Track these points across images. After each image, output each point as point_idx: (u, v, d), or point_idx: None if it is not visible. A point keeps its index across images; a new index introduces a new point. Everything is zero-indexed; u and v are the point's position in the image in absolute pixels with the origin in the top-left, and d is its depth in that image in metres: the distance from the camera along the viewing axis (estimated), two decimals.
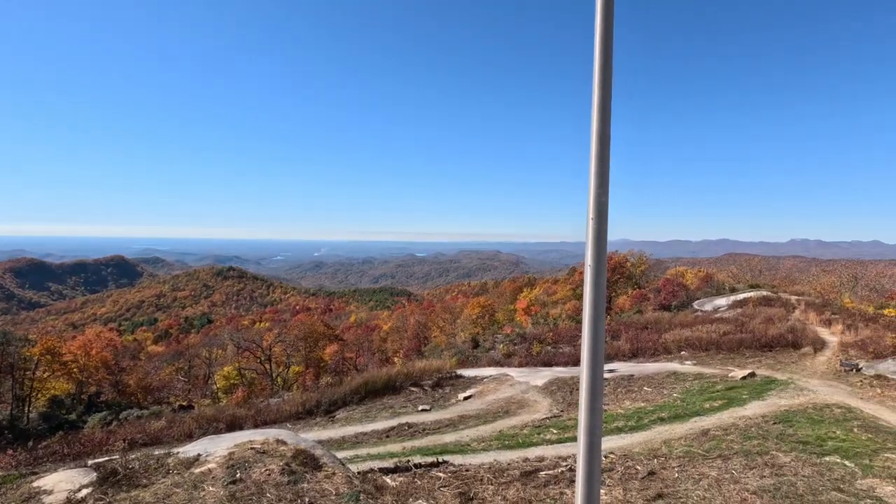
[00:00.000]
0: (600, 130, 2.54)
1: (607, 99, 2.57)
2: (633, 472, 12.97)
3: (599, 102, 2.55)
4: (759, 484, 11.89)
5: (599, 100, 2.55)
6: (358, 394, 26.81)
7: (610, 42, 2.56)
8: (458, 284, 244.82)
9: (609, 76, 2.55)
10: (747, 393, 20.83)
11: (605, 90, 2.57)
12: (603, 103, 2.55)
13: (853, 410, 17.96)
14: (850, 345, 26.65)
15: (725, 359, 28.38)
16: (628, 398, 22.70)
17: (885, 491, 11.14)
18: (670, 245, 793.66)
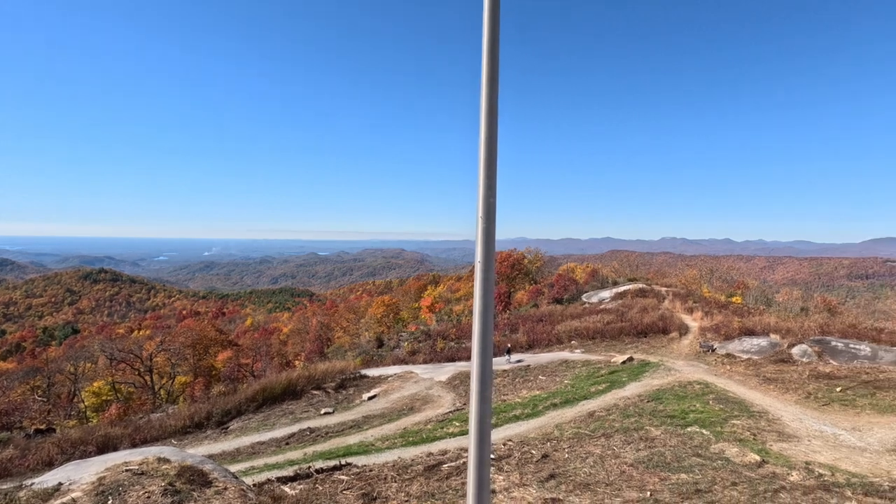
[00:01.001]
0: (488, 133, 2.67)
1: (494, 102, 2.70)
2: (529, 456, 13.78)
3: (487, 106, 2.67)
4: (635, 456, 13.28)
5: (487, 103, 2.68)
6: (255, 401, 25.26)
7: (496, 46, 2.69)
8: (362, 283, 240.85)
9: (496, 80, 2.68)
10: (626, 376, 23.15)
11: (491, 93, 2.69)
12: (490, 107, 2.68)
13: (709, 385, 20.78)
14: (707, 329, 30.76)
15: (609, 346, 31.23)
16: (525, 387, 24.05)
17: (731, 451, 13.03)
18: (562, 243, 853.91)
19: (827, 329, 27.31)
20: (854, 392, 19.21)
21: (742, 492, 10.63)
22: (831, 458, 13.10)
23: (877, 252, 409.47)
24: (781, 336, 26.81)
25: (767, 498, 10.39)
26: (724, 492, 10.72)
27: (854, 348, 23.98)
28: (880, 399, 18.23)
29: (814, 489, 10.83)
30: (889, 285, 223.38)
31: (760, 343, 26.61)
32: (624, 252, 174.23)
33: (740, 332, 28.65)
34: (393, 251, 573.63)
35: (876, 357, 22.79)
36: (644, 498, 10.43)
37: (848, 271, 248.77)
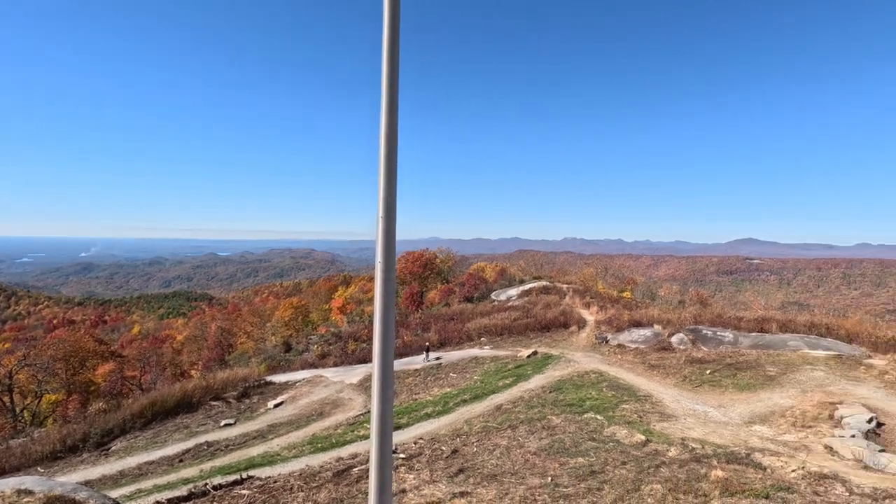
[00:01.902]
0: (388, 131, 2.65)
1: (394, 100, 2.68)
2: (440, 452, 13.98)
3: (387, 103, 2.65)
4: (538, 445, 14.04)
5: (387, 101, 2.66)
6: (142, 417, 22.91)
7: (397, 41, 2.68)
8: (268, 285, 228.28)
9: (396, 77, 2.67)
10: (531, 369, 24.37)
11: (392, 91, 2.68)
12: (390, 104, 2.67)
13: (603, 374, 22.56)
14: (602, 322, 33.38)
15: (516, 341, 32.67)
16: (437, 385, 24.36)
17: (621, 434, 14.22)
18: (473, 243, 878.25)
19: (699, 319, 30.94)
20: (720, 374, 21.97)
21: (630, 470, 11.68)
22: (702, 433, 14.85)
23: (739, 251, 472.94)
24: (663, 326, 29.89)
25: (651, 473, 11.52)
26: (615, 471, 11.71)
27: (720, 335, 27.44)
28: (740, 379, 21.04)
29: (688, 462, 12.20)
30: (748, 280, 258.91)
31: (646, 333, 29.46)
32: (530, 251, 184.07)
33: (629, 324, 31.47)
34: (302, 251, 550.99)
35: (737, 342, 26.28)
36: (546, 483, 11.05)
37: (717, 268, 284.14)
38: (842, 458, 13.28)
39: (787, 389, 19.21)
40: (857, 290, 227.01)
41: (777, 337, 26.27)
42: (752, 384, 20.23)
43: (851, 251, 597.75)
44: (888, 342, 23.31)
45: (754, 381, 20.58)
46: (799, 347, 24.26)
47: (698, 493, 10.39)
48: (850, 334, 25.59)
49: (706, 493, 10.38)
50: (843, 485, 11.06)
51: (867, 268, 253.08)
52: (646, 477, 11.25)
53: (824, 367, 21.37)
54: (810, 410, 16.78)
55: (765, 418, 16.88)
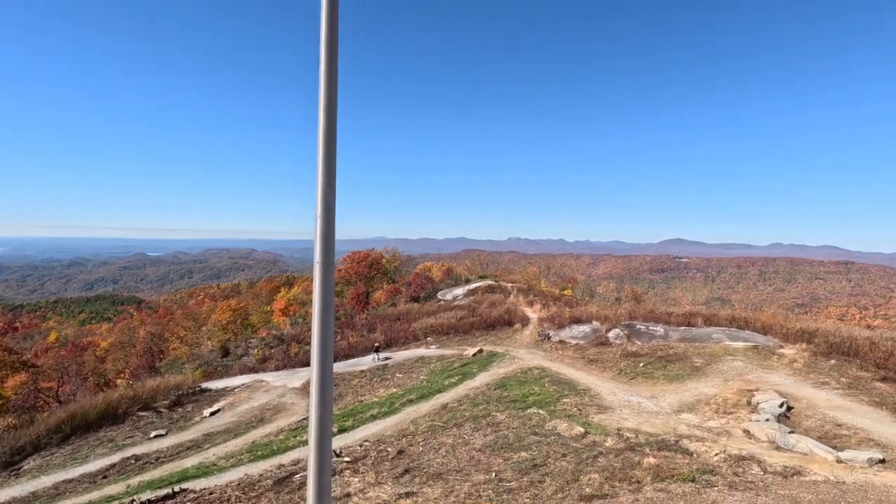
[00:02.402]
0: (326, 129, 2.60)
1: (333, 97, 2.63)
2: (385, 454, 13.87)
3: (325, 101, 2.60)
4: (483, 441, 14.26)
5: (325, 98, 2.60)
6: (60, 432, 21.07)
7: (335, 39, 2.63)
8: (204, 287, 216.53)
9: (335, 74, 2.62)
10: (477, 367, 24.71)
11: (330, 89, 2.62)
12: (329, 102, 2.61)
13: (546, 370, 23.27)
14: (544, 319, 34.41)
15: (462, 340, 33.01)
16: (383, 386, 24.14)
17: (562, 427, 14.72)
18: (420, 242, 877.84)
19: (634, 315, 32.63)
20: (652, 366, 23.28)
21: (570, 461, 12.13)
22: (636, 423, 15.68)
23: (669, 250, 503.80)
24: (601, 322, 31.27)
25: (589, 463, 12.02)
26: (556, 463, 12.11)
27: (653, 329, 29.08)
28: (670, 370, 22.41)
29: (623, 451, 12.84)
30: (678, 277, 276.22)
31: (585, 329, 30.70)
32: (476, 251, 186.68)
33: (570, 320, 32.66)
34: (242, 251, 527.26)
35: (667, 336, 27.96)
36: (490, 479, 11.25)
37: (650, 266, 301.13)
38: (758, 440, 14.47)
39: (711, 379, 20.67)
40: (772, 286, 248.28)
41: (702, 330, 28.21)
42: (680, 375, 21.60)
43: (766, 250, 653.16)
44: (797, 333, 25.64)
45: (682, 372, 21.98)
46: (721, 340, 26.17)
47: (632, 481, 10.96)
48: (764, 326, 27.91)
49: (639, 480, 10.97)
50: (758, 465, 12.05)
51: (780, 266, 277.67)
52: (585, 467, 11.72)
53: (743, 358, 23.18)
54: (731, 398, 18.15)
55: (692, 407, 18.07)
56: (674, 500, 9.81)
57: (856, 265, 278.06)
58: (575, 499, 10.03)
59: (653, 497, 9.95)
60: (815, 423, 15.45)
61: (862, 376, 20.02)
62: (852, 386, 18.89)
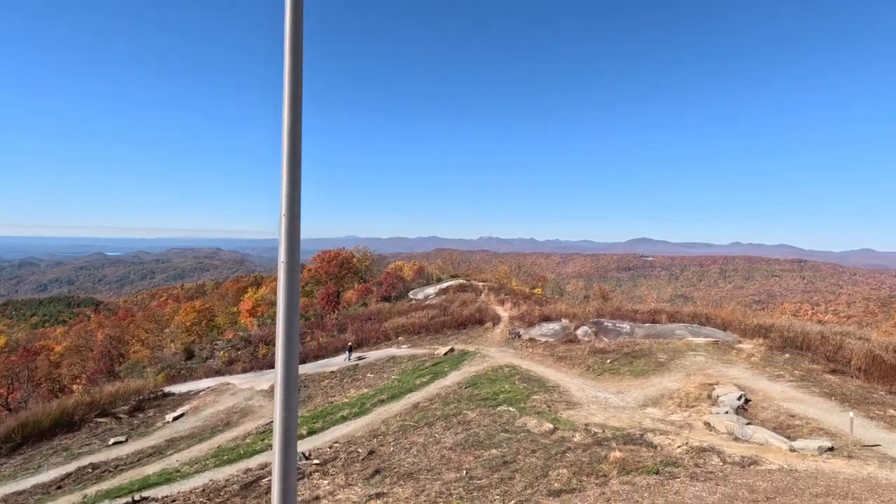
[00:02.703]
0: (291, 127, 2.57)
1: (298, 97, 2.60)
2: (356, 455, 13.75)
3: (290, 99, 2.57)
4: (454, 440, 14.32)
5: (290, 98, 2.57)
6: (10, 441, 20.01)
7: (300, 37, 2.60)
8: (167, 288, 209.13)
9: (299, 72, 2.59)
10: (448, 366, 24.78)
11: (295, 87, 2.60)
12: (293, 100, 2.58)
13: (516, 367, 23.53)
14: (515, 318, 34.80)
15: (433, 339, 33.03)
16: (353, 387, 23.92)
17: (532, 423, 14.91)
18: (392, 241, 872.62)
19: (601, 312, 33.38)
20: (619, 362, 23.88)
21: (539, 457, 12.31)
22: (603, 418, 16.05)
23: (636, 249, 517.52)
24: (570, 320, 31.85)
25: (558, 459, 12.23)
26: (526, 459, 12.28)
27: (619, 326, 29.82)
28: (636, 366, 23.03)
29: (591, 446, 13.13)
30: (643, 275, 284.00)
31: (555, 327, 31.21)
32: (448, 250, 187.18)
33: (540, 318, 33.14)
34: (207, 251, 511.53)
35: (633, 333, 28.72)
36: (461, 477, 11.31)
37: (617, 265, 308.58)
38: (718, 432, 15.03)
39: (674, 374, 21.35)
40: (731, 283, 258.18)
41: (666, 327, 29.11)
42: (645, 370, 22.23)
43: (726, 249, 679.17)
44: (754, 328, 26.78)
45: (647, 367, 22.63)
46: (684, 336, 27.07)
47: (599, 474, 11.22)
48: (724, 322, 29.03)
49: (606, 474, 11.24)
50: (718, 456, 12.53)
51: (739, 264, 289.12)
52: (553, 463, 11.93)
53: (704, 353, 24.04)
54: (693, 392, 18.79)
55: (656, 401, 18.63)
56: (638, 492, 10.10)
57: (809, 263, 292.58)
58: (544, 494, 10.19)
59: (619, 490, 10.21)
60: (770, 415, 16.16)
61: (813, 369, 21.08)
62: (804, 378, 19.85)
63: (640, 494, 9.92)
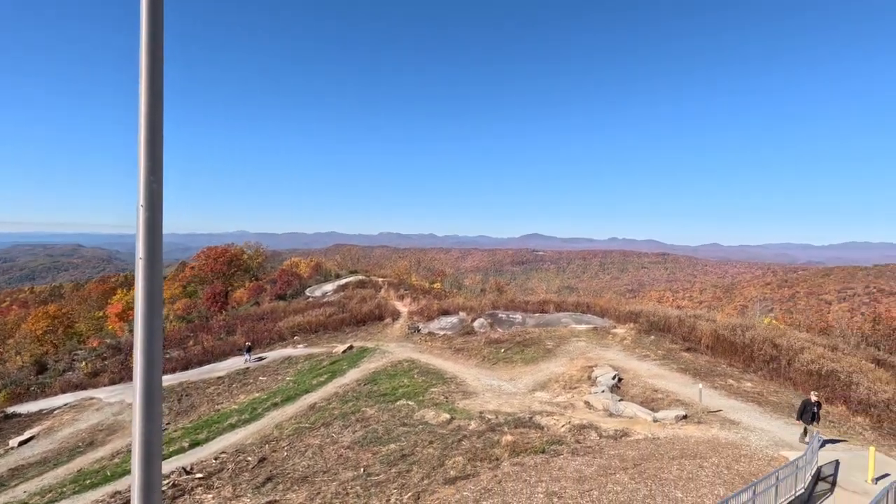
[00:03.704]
0: (150, 116, 2.33)
1: (158, 83, 2.38)
2: (245, 464, 12.94)
3: (147, 87, 2.33)
4: (352, 438, 14.10)
5: (147, 85, 2.34)
6: None
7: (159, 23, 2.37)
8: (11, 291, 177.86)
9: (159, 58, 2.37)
10: (347, 364, 24.30)
11: (154, 73, 2.37)
12: (152, 88, 2.35)
13: (415, 362, 23.79)
14: (414, 312, 35.11)
15: (331, 337, 32.13)
16: (243, 392, 22.44)
17: (430, 415, 15.19)
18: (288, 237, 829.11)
19: (496, 305, 34.99)
20: (512, 351, 25.25)
21: (436, 448, 12.61)
22: (497, 405, 16.88)
23: (528, 244, 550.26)
24: (467, 313, 32.95)
25: (454, 447, 12.63)
26: (424, 451, 12.50)
27: (512, 317, 31.52)
28: (527, 354, 24.53)
29: (485, 432, 13.74)
30: (535, 269, 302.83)
31: (453, 320, 32.08)
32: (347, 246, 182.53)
33: (439, 312, 33.82)
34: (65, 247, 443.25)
35: (525, 323, 30.53)
36: (358, 475, 11.19)
37: (511, 259, 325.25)
38: (596, 410, 16.58)
39: (560, 359, 23.12)
40: (609, 274, 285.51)
41: (554, 316, 31.37)
42: (535, 357, 23.78)
43: (605, 244, 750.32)
44: (626, 315, 29.92)
45: (537, 354, 24.23)
46: (569, 323, 29.40)
47: (492, 459, 11.80)
48: (602, 310, 32.05)
49: (498, 457, 11.86)
50: (595, 431, 13.82)
51: (615, 257, 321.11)
52: (450, 452, 12.29)
53: (585, 338, 26.34)
54: (576, 374, 20.51)
55: (544, 385, 20.03)
56: (527, 471, 10.80)
57: (671, 256, 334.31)
58: (440, 483, 10.46)
59: (509, 471, 10.83)
60: (638, 391, 18.21)
61: (673, 348, 24.13)
62: (666, 357, 22.66)
63: (529, 473, 10.62)
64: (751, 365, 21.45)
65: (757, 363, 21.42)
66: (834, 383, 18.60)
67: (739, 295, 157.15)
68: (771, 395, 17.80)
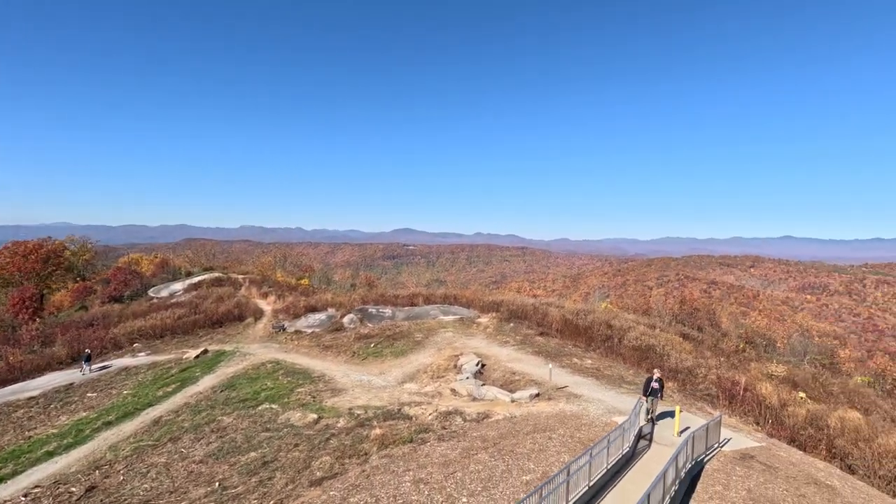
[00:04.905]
0: None
1: None
2: (67, 496, 11.05)
3: None
4: (206, 451, 12.89)
5: None
6: None
7: None
8: None
9: None
10: (200, 370, 22.07)
11: None
12: None
13: (280, 362, 22.56)
14: (279, 310, 33.21)
15: (181, 342, 28.85)
16: (65, 412, 19.03)
17: (295, 417, 14.58)
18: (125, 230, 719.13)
19: (366, 299, 34.74)
20: (382, 345, 25.33)
21: (302, 450, 12.14)
22: (366, 400, 16.81)
23: (399, 239, 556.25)
24: (336, 309, 32.17)
25: (321, 447, 12.29)
26: (289, 455, 11.95)
27: (382, 312, 31.60)
28: (396, 347, 24.82)
29: (354, 428, 13.61)
30: (406, 263, 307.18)
31: (321, 317, 31.07)
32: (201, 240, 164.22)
33: (306, 309, 32.47)
34: None
35: (395, 316, 30.84)
36: (213, 490, 10.28)
37: (383, 254, 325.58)
38: (461, 396, 17.46)
39: (428, 350, 23.85)
40: (475, 267, 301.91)
41: (423, 308, 32.20)
42: (404, 350, 24.19)
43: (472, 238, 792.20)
44: (489, 304, 31.98)
45: (406, 346, 24.67)
46: (437, 315, 30.44)
47: (361, 454, 11.75)
48: (468, 301, 33.79)
49: (367, 452, 11.85)
50: (460, 416, 14.56)
51: (481, 251, 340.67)
52: (317, 452, 11.94)
53: (452, 329, 27.55)
54: (443, 364, 21.35)
55: (413, 376, 20.49)
56: (395, 462, 10.98)
57: (529, 250, 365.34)
58: (305, 486, 10.12)
59: (378, 465, 10.90)
60: (499, 375, 19.62)
61: (529, 333, 26.44)
62: (523, 342, 24.75)
63: (397, 464, 10.81)
64: (591, 344, 24.50)
65: (596, 342, 24.55)
66: (652, 356, 22.15)
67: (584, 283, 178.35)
68: (606, 369, 20.53)
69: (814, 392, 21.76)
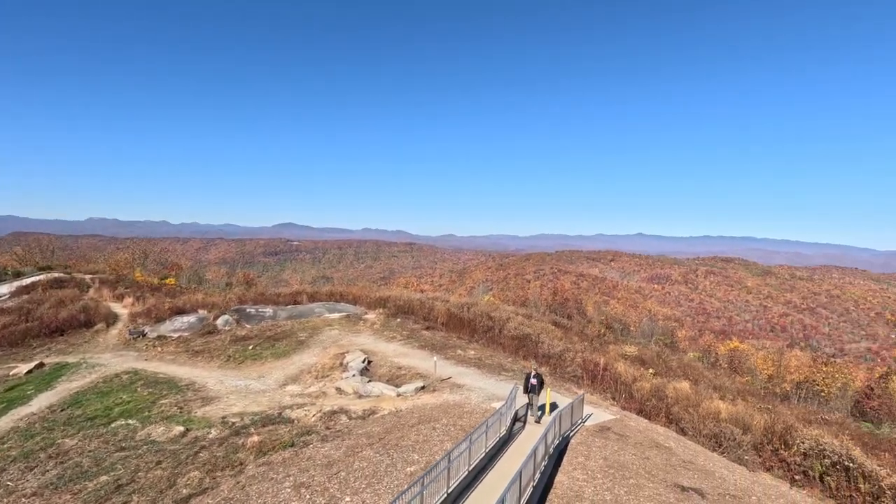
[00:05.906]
0: None
1: None
2: None
3: None
4: (40, 482, 11.01)
5: None
6: None
7: None
8: None
9: None
10: (33, 387, 18.75)
11: None
12: None
13: (139, 372, 20.07)
14: (138, 314, 29.46)
15: (6, 355, 24.17)
16: None
17: (158, 432, 13.14)
18: None
19: (244, 299, 32.38)
20: (261, 347, 23.83)
21: (166, 468, 10.96)
22: (243, 407, 15.70)
23: (282, 234, 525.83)
24: (209, 310, 29.49)
25: (189, 462, 11.22)
26: (148, 475, 10.71)
27: (262, 311, 29.70)
28: (278, 348, 23.53)
29: (228, 438, 12.64)
30: (290, 259, 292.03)
31: (190, 320, 28.25)
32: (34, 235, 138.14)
33: (172, 312, 29.28)
34: None
35: (276, 316, 29.18)
36: None
37: (263, 250, 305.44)
38: (347, 394, 17.14)
39: (313, 349, 22.98)
40: (363, 263, 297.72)
41: (307, 307, 30.93)
42: (287, 351, 23.03)
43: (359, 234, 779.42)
44: (377, 301, 31.79)
45: (289, 347, 23.51)
46: (322, 313, 29.45)
47: (235, 465, 10.96)
48: (355, 298, 33.23)
49: (242, 462, 11.09)
50: (346, 415, 14.31)
51: (369, 247, 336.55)
52: (183, 468, 10.87)
53: (339, 326, 26.88)
54: (328, 363, 20.75)
55: (296, 378, 19.61)
56: (274, 469, 10.44)
57: (417, 245, 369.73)
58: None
59: (254, 474, 10.27)
60: (386, 370, 19.63)
61: (415, 328, 26.81)
62: (410, 337, 25.04)
63: (276, 471, 10.29)
64: (474, 335, 25.63)
65: (479, 334, 25.74)
66: (528, 343, 23.84)
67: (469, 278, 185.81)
68: (488, 358, 21.65)
69: (658, 368, 25.25)
